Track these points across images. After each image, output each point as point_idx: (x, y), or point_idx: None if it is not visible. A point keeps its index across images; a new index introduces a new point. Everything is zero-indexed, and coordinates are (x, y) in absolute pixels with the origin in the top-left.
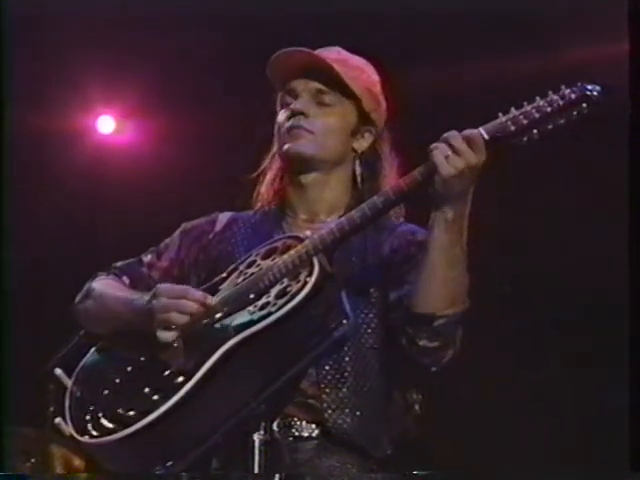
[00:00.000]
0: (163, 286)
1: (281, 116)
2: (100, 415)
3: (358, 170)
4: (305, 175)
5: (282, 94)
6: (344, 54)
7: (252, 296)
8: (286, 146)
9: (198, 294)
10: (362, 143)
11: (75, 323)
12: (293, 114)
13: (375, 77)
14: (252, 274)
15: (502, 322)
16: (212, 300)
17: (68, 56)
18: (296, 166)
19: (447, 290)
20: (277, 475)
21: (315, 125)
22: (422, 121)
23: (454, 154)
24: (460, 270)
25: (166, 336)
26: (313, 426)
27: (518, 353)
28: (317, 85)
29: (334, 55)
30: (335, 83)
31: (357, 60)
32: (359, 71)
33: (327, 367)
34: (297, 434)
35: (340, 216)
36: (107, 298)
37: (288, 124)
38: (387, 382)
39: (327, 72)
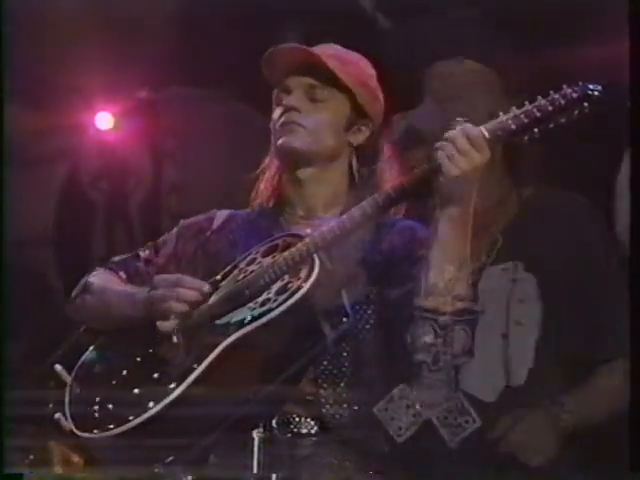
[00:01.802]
0: (158, 277)
1: (275, 113)
2: (100, 411)
3: (355, 165)
4: (301, 170)
5: (277, 91)
6: (339, 49)
7: (253, 293)
8: (280, 141)
9: (194, 282)
10: (358, 137)
11: (69, 318)
12: (286, 110)
13: (371, 71)
14: (252, 271)
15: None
16: (208, 287)
17: (66, 52)
18: (291, 161)
19: (451, 286)
20: (276, 474)
21: (308, 120)
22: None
23: (458, 154)
24: (466, 269)
25: (166, 326)
26: (312, 423)
27: None
28: (309, 80)
29: (329, 51)
30: (327, 78)
31: (352, 55)
32: (353, 65)
33: (325, 363)
34: (296, 430)
35: (340, 211)
36: (107, 292)
37: (282, 120)
38: (385, 378)
39: (319, 67)
